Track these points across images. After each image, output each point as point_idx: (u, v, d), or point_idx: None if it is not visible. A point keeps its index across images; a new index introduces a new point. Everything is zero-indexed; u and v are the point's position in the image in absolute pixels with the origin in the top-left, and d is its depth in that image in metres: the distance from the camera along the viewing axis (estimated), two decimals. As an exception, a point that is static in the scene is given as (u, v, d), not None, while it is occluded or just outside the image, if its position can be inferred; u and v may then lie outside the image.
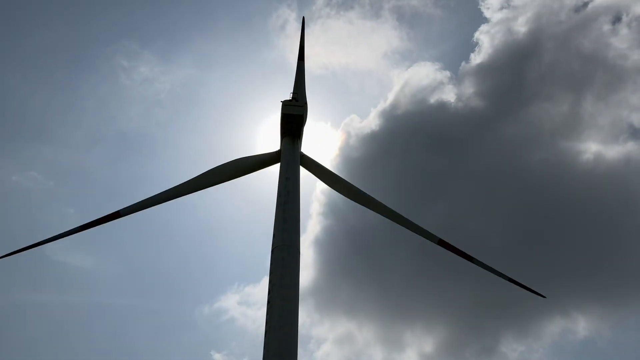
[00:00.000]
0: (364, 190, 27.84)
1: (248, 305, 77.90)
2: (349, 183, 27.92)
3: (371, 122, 76.15)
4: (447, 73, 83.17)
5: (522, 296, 54.39)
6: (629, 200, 59.05)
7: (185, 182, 26.22)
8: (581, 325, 60.87)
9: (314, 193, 72.28)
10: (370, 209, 27.69)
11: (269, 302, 22.26)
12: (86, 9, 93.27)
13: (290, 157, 26.45)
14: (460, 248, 27.47)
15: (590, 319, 59.50)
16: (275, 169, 27.40)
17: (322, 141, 67.95)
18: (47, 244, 25.62)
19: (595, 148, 69.10)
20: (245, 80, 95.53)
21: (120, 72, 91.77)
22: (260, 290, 72.89)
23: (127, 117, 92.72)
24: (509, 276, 28.29)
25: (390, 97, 78.07)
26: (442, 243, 26.87)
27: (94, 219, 25.47)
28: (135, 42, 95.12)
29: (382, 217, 27.53)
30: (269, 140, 31.81)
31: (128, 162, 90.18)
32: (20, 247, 25.02)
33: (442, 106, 73.30)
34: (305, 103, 29.00)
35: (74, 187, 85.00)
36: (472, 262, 27.43)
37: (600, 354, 64.54)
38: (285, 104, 28.08)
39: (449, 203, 60.01)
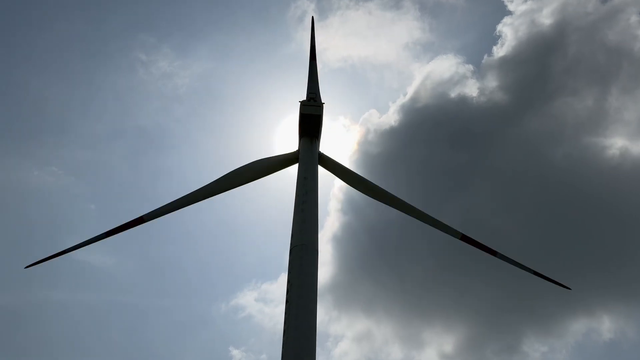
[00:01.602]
0: (384, 188, 28.02)
1: (265, 303, 78.31)
2: (369, 181, 28.24)
3: (391, 117, 75.66)
4: (470, 67, 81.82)
5: (544, 293, 53.74)
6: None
7: (206, 186, 26.61)
8: (606, 325, 59.87)
9: (331, 191, 72.31)
10: (392, 207, 27.84)
11: (287, 301, 22.49)
12: (102, 2, 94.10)
13: (308, 157, 26.61)
14: (483, 243, 27.41)
15: (615, 317, 58.46)
16: (293, 169, 27.59)
17: (341, 137, 67.80)
18: (70, 244, 26.34)
19: (621, 143, 67.58)
20: (263, 74, 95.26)
21: (138, 66, 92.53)
22: (277, 287, 73.19)
23: (146, 112, 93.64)
24: (533, 269, 28.12)
25: (411, 91, 77.34)
26: (464, 238, 27.06)
27: (119, 225, 25.94)
28: (153, 35, 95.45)
29: (404, 214, 27.65)
30: (288, 135, 32.00)
31: (147, 158, 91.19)
32: (48, 256, 25.54)
33: (463, 100, 72.51)
34: (322, 103, 29.08)
35: (94, 183, 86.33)
36: (496, 256, 27.70)
37: (625, 356, 63.37)
38: (303, 104, 28.22)
39: (470, 199, 59.54)
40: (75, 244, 25.83)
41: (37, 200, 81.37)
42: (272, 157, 28.02)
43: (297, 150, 27.77)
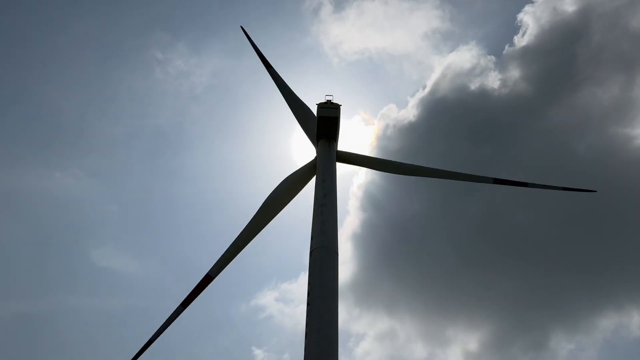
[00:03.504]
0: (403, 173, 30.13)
1: (286, 303, 78.38)
2: (390, 160, 30.56)
3: (409, 111, 74.93)
4: (492, 58, 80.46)
5: (571, 288, 52.99)
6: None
7: (246, 228, 27.04)
8: (635, 320, 58.58)
9: (350, 189, 72.18)
10: (421, 176, 30.22)
11: (308, 304, 22.69)
12: (116, 0, 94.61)
13: (326, 159, 26.80)
14: (517, 179, 28.84)
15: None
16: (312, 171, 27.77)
17: (359, 132, 67.40)
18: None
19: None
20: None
21: (155, 65, 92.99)
22: (298, 287, 73.29)
23: (163, 113, 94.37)
24: (561, 186, 29.99)
25: (430, 84, 76.41)
26: (497, 181, 28.50)
27: (191, 292, 26.98)
28: (168, 32, 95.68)
29: (426, 206, 28.90)
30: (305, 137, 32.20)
31: (165, 158, 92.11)
32: (141, 348, 27.56)
33: (485, 93, 71.52)
34: (339, 105, 29.19)
35: (115, 184, 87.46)
36: (527, 186, 29.33)
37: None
38: (320, 106, 28.38)
39: (493, 193, 58.84)
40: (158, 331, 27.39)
41: (59, 202, 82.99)
42: (295, 172, 27.99)
43: (316, 158, 28.07)
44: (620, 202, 54.03)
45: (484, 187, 60.77)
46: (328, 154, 27.26)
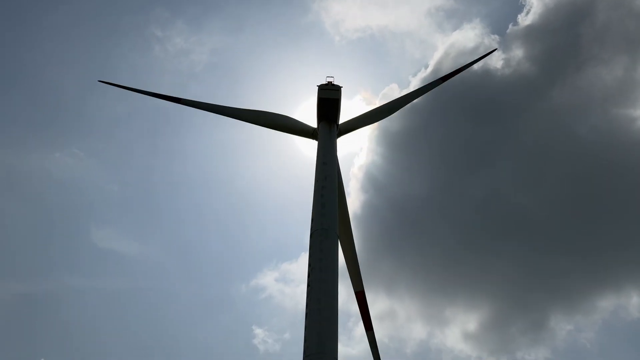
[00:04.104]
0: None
1: (286, 283, 78.94)
2: (382, 106, 31.61)
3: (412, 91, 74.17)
4: (495, 37, 79.51)
5: (571, 270, 53.29)
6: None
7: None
8: (634, 301, 58.99)
9: (351, 170, 72.14)
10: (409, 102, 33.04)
11: (308, 285, 22.97)
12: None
13: (327, 142, 26.78)
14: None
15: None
16: (313, 152, 27.86)
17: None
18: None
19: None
20: (279, 47, 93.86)
21: (154, 43, 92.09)
22: (298, 267, 73.66)
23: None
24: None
25: (432, 63, 75.74)
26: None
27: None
28: (167, 10, 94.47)
29: (428, 187, 29.85)
30: (306, 110, 32.55)
31: (165, 137, 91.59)
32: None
33: (488, 73, 70.86)
34: (339, 87, 29.09)
35: (115, 164, 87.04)
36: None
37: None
38: (321, 88, 28.23)
39: (495, 174, 58.83)
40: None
41: (59, 183, 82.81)
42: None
43: (316, 128, 28.31)
44: (621, 184, 54.06)
45: (486, 168, 60.85)
46: (329, 136, 27.23)
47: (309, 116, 30.38)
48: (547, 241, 52.49)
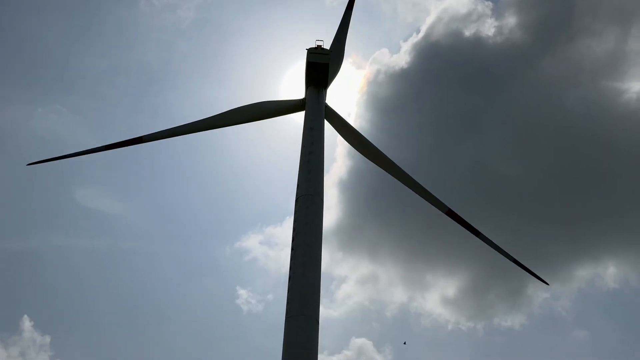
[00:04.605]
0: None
1: (270, 246, 79.65)
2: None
3: (402, 57, 73.40)
4: (489, 4, 78.60)
5: (550, 239, 54.42)
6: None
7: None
8: (610, 271, 60.69)
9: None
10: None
11: (292, 248, 23.40)
12: None
13: (315, 107, 26.63)
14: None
15: (622, 264, 59.17)
16: (300, 117, 27.74)
17: (350, 76, 66.26)
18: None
19: (638, 87, 65.84)
20: (269, 6, 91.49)
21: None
22: (282, 231, 74.15)
23: (148, 48, 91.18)
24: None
25: (424, 28, 74.77)
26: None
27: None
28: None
29: (414, 153, 28.77)
30: (295, 74, 31.83)
31: (150, 95, 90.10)
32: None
33: (479, 40, 70.25)
34: (329, 51, 28.62)
35: (99, 121, 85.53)
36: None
37: (628, 305, 64.59)
38: (310, 51, 27.85)
39: (483, 144, 59.22)
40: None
41: (41, 139, 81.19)
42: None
43: (303, 98, 27.83)
44: (605, 156, 54.77)
45: (474, 136, 61.13)
46: (317, 101, 27.06)
47: (298, 80, 30.07)
48: (529, 211, 53.49)
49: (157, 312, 70.04)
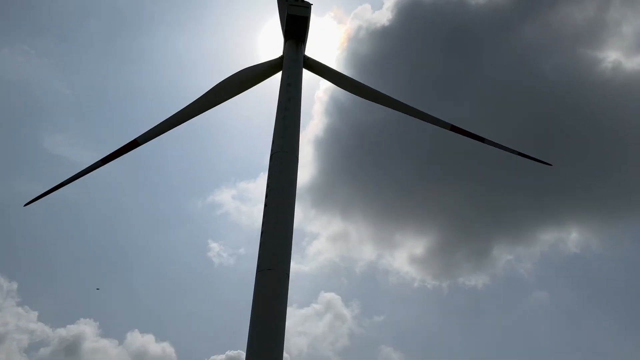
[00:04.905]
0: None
1: (243, 201, 79.65)
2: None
3: (384, 14, 72.66)
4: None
5: (517, 203, 55.88)
6: (641, 114, 58.05)
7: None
8: (573, 236, 62.91)
9: (316, 94, 71.29)
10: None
11: (266, 205, 23.44)
12: None
13: (292, 62, 26.11)
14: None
15: (584, 230, 61.41)
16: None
17: (330, 31, 65.20)
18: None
19: (614, 57, 66.64)
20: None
21: None
22: (256, 187, 74.07)
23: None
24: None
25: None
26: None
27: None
28: None
29: (390, 113, 28.75)
30: (273, 31, 30.97)
31: (122, 41, 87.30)
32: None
33: (463, 1, 69.49)
34: (309, 4, 27.90)
35: (68, 64, 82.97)
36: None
37: (588, 270, 67.34)
38: (290, 3, 27.07)
39: (458, 106, 59.48)
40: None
41: (7, 82, 78.33)
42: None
43: (282, 56, 27.21)
44: (577, 125, 55.77)
45: (453, 100, 61.21)
46: (295, 56, 26.53)
47: (276, 31, 29.23)
48: (499, 175, 54.59)
49: (125, 262, 70.11)
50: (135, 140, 26.29)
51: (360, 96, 28.44)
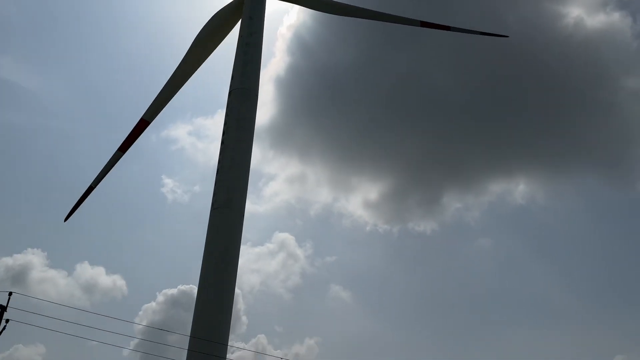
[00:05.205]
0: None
1: (199, 138, 77.63)
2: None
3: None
4: None
5: (471, 153, 57.33)
6: (598, 73, 59.59)
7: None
8: (520, 188, 65.48)
9: (279, 30, 68.91)
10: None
11: (222, 142, 23.06)
12: None
13: (255, -6, 25.00)
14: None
15: (531, 182, 63.87)
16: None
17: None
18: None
19: (577, 13, 67.29)
20: None
21: None
22: (213, 124, 71.89)
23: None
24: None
25: None
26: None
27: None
28: None
29: (354, 55, 28.45)
30: None
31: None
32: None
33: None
34: None
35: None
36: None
37: (531, 221, 70.54)
38: None
39: (421, 54, 59.19)
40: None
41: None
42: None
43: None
44: (535, 78, 56.75)
45: (413, 45, 60.74)
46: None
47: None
48: (454, 124, 55.43)
49: (73, 191, 67.96)
50: (142, 119, 27.11)
51: (331, 13, 28.29)
